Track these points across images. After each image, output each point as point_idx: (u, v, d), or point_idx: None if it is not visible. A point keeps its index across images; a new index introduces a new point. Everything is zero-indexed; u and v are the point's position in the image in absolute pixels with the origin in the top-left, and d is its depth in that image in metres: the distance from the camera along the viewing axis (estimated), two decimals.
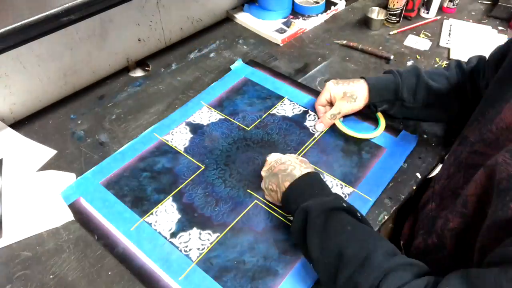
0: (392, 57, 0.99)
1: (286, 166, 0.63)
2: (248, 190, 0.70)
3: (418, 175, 0.73)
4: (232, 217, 0.66)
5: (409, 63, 0.98)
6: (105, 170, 0.74)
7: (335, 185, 0.71)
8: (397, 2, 1.07)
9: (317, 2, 1.17)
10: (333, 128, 0.81)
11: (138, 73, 0.98)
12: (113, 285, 0.59)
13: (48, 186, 0.71)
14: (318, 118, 0.82)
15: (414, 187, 0.72)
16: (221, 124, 0.82)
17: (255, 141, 0.79)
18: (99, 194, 0.70)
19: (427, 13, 1.15)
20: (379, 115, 0.82)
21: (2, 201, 0.69)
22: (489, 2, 1.21)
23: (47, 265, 0.61)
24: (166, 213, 0.67)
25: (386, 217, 0.67)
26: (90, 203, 0.68)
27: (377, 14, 1.12)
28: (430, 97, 0.75)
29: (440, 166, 0.93)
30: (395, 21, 1.11)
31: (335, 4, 1.20)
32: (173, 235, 0.64)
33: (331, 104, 0.81)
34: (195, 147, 0.78)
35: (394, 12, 1.09)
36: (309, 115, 0.84)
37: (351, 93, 0.77)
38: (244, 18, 1.13)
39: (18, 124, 0.84)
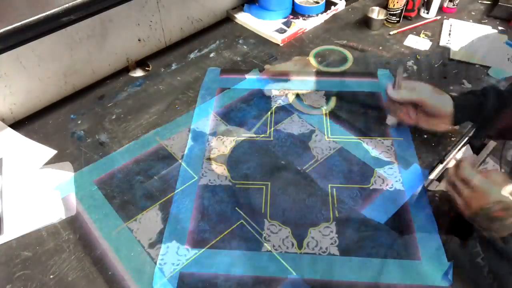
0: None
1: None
2: (236, 208, 0.68)
3: None
4: (214, 235, 0.64)
5: (409, 63, 0.98)
6: (100, 168, 0.74)
7: None
8: (397, 2, 1.07)
9: (317, 2, 1.17)
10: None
11: (138, 73, 0.98)
12: (113, 285, 0.59)
13: (46, 183, 0.71)
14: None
15: None
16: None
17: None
18: (89, 192, 0.70)
19: (427, 13, 1.15)
20: None
21: (2, 200, 0.69)
22: (489, 2, 1.21)
23: (47, 265, 0.61)
24: (149, 222, 0.66)
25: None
26: (80, 200, 0.68)
27: (377, 14, 1.12)
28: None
29: (440, 166, 0.93)
30: (395, 21, 1.11)
31: (335, 4, 1.20)
32: (151, 245, 0.63)
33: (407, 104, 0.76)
34: (193, 156, 0.76)
35: (394, 12, 1.09)
36: (316, 135, 0.80)
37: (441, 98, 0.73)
38: (244, 18, 1.13)
39: (18, 124, 0.84)
